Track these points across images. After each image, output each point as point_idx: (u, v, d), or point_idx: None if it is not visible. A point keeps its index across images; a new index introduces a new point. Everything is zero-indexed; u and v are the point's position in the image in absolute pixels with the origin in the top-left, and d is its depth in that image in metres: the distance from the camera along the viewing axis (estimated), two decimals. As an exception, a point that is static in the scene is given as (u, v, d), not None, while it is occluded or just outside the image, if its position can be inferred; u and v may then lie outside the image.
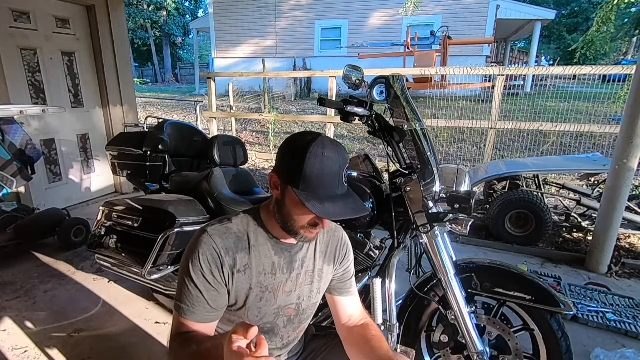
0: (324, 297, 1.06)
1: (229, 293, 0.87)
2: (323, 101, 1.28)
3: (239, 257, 0.87)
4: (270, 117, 6.00)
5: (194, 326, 0.84)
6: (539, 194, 3.13)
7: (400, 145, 1.37)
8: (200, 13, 25.91)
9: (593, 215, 3.09)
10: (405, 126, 1.34)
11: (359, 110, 1.32)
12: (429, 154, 1.33)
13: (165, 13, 22.17)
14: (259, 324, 0.93)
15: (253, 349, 0.61)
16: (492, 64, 11.55)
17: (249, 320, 0.91)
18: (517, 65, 12.37)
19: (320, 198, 0.79)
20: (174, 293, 0.88)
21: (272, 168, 0.95)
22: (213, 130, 5.80)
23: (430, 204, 1.31)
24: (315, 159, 0.79)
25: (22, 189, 3.05)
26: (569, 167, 3.43)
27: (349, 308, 1.06)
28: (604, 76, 5.77)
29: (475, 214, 3.44)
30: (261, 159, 5.86)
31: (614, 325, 2.02)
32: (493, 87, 4.59)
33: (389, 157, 1.39)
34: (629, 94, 2.47)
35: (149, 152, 2.08)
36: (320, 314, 1.45)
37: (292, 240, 0.94)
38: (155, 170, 2.11)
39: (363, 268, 1.46)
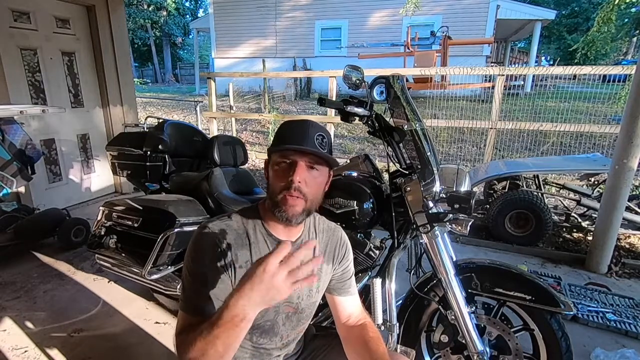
0: (323, 297, 1.06)
1: (232, 287, 0.87)
2: (323, 101, 1.28)
3: (240, 253, 0.87)
4: (270, 117, 6.00)
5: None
6: (539, 194, 3.13)
7: (400, 145, 1.37)
8: (201, 13, 25.95)
9: (593, 215, 3.09)
10: (405, 126, 1.34)
11: (359, 110, 1.32)
12: (429, 154, 1.33)
13: (165, 13, 22.16)
14: (259, 322, 0.93)
15: None
16: (492, 64, 11.54)
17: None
18: (517, 65, 12.37)
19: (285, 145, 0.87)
20: (174, 293, 0.88)
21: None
22: (213, 130, 5.80)
23: (430, 204, 1.31)
24: (288, 123, 0.93)
25: (22, 189, 3.06)
26: (569, 167, 3.43)
27: (349, 307, 1.06)
28: (604, 76, 5.78)
29: (475, 214, 3.44)
30: (261, 159, 5.86)
31: (614, 325, 2.02)
32: (493, 87, 4.59)
33: (389, 157, 1.39)
34: (629, 94, 2.47)
35: (149, 152, 2.08)
36: (320, 314, 1.45)
37: (290, 238, 0.94)
38: (155, 170, 2.11)
39: (363, 268, 1.46)
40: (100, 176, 4.06)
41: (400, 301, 1.48)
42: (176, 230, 1.67)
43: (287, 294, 0.68)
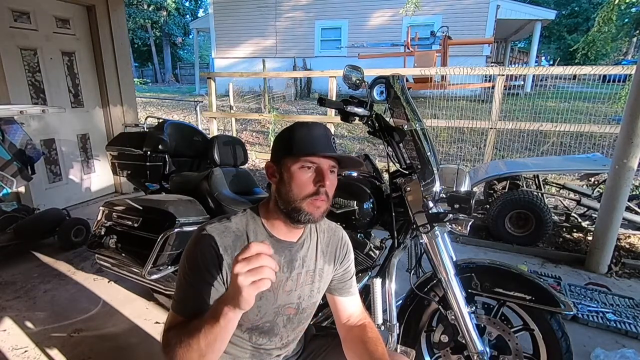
0: (324, 297, 1.06)
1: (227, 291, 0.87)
2: (323, 101, 1.28)
3: None
4: (270, 117, 6.00)
5: None
6: (539, 194, 3.13)
7: (400, 145, 1.37)
8: (201, 13, 25.92)
9: (593, 215, 3.09)
10: (405, 126, 1.34)
11: (359, 110, 1.32)
12: (429, 154, 1.33)
13: (165, 13, 22.16)
14: (258, 323, 0.93)
15: None
16: (492, 64, 11.55)
17: (248, 318, 0.91)
18: (517, 65, 12.37)
19: (312, 151, 0.86)
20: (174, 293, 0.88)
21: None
22: (213, 130, 5.80)
23: (430, 204, 1.30)
24: (302, 127, 0.89)
25: (22, 189, 3.05)
26: (569, 167, 3.43)
27: (349, 308, 1.06)
28: (604, 76, 5.77)
29: (475, 214, 3.44)
30: (261, 159, 5.86)
31: (614, 325, 2.02)
32: (493, 87, 4.59)
33: (389, 157, 1.39)
34: (629, 94, 2.47)
35: (149, 152, 2.08)
36: (320, 314, 1.45)
37: (292, 238, 0.94)
38: (155, 170, 2.11)
39: (363, 268, 1.46)
40: (100, 176, 4.06)
41: (400, 301, 1.48)
42: (176, 230, 1.67)
43: (247, 294, 0.64)
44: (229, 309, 0.68)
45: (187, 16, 25.07)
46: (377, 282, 1.33)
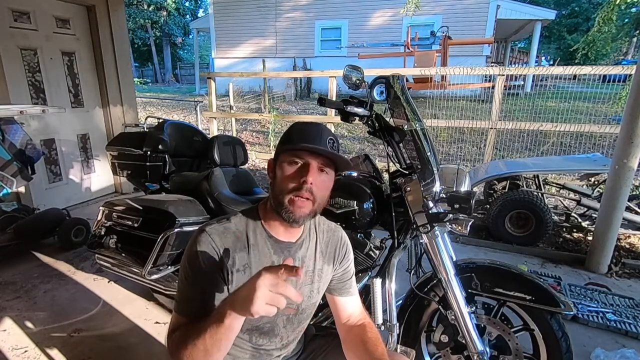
0: (324, 297, 1.06)
1: (228, 292, 0.87)
2: (323, 101, 1.28)
3: (238, 257, 0.87)
4: (270, 117, 6.00)
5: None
6: (539, 194, 3.13)
7: (400, 145, 1.37)
8: (201, 13, 25.93)
9: (593, 215, 3.09)
10: (405, 126, 1.34)
11: (359, 110, 1.32)
12: (429, 154, 1.33)
13: (165, 13, 22.17)
14: (258, 324, 0.93)
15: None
16: (492, 64, 11.55)
17: (249, 319, 0.91)
18: (517, 65, 12.37)
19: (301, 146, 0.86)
20: (174, 293, 0.88)
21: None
22: (213, 130, 5.80)
23: (430, 204, 1.30)
24: (300, 125, 0.93)
25: (22, 189, 3.05)
26: (569, 167, 3.43)
27: (349, 308, 1.06)
28: (604, 76, 5.78)
29: (475, 214, 3.44)
30: (261, 159, 5.86)
31: (614, 325, 2.02)
32: (493, 87, 4.59)
33: (389, 157, 1.39)
34: (629, 94, 2.47)
35: (149, 152, 2.08)
36: (320, 314, 1.45)
37: (291, 239, 0.94)
38: (155, 170, 2.11)
39: (363, 268, 1.46)
40: (100, 176, 4.06)
41: (400, 301, 1.48)
42: (176, 230, 1.67)
43: (256, 310, 0.65)
44: (235, 313, 0.70)
45: (187, 16, 25.07)
46: (377, 282, 1.33)
